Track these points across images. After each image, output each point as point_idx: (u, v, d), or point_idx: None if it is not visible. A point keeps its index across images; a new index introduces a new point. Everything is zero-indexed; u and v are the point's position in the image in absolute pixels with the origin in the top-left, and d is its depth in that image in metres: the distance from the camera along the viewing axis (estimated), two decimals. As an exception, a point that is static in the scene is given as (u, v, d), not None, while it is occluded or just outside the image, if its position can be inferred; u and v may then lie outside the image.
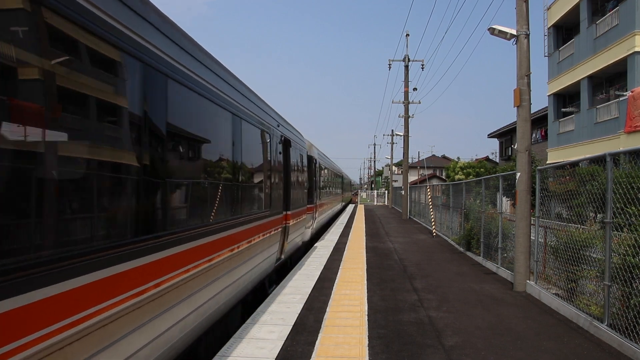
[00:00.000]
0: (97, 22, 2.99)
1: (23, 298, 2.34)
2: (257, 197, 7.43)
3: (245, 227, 6.35)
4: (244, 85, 6.78)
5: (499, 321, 6.72)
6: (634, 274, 5.45)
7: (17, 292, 2.31)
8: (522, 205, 8.95)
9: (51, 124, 2.67)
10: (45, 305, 2.49)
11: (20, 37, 2.44)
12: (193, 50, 4.70)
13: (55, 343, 2.54)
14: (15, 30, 2.41)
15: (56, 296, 2.57)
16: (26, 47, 2.48)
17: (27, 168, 2.50)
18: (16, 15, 2.42)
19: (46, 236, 2.62)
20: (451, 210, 16.93)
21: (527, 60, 8.95)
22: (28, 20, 2.49)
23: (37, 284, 2.44)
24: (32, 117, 2.52)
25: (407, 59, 29.72)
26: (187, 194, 4.66)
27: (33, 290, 2.41)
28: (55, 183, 2.72)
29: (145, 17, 3.70)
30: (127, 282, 3.29)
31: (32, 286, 2.41)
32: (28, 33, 2.51)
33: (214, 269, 5.04)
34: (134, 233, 3.46)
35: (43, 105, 2.61)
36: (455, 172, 35.93)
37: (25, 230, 2.51)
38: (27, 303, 2.37)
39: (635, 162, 5.74)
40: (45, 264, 2.52)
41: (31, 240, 2.54)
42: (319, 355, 5.15)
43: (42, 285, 2.47)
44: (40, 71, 2.55)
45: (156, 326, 3.72)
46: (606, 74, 22.32)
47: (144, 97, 3.66)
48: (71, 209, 2.92)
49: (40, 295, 2.45)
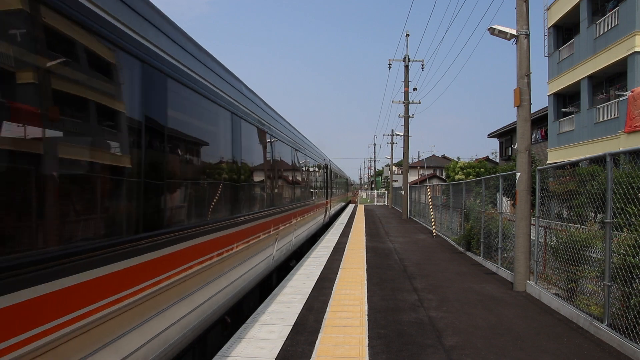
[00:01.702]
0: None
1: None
2: (319, 192, 17.32)
3: (318, 202, 16.51)
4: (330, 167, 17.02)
5: (499, 321, 6.72)
6: (634, 274, 5.45)
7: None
8: (522, 205, 8.95)
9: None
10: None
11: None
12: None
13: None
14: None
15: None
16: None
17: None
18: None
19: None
20: (451, 210, 16.93)
21: (527, 60, 8.95)
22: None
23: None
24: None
25: (407, 59, 29.73)
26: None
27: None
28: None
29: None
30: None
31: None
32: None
33: (309, 220, 13.68)
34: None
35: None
36: (455, 172, 35.88)
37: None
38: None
39: (635, 162, 5.74)
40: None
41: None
42: (319, 355, 5.15)
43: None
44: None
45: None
46: (606, 74, 22.33)
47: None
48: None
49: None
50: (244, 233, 6.14)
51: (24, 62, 2.49)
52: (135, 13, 3.53)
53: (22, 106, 2.47)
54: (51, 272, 2.53)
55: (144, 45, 3.56)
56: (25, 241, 2.49)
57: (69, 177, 2.89)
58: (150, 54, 3.67)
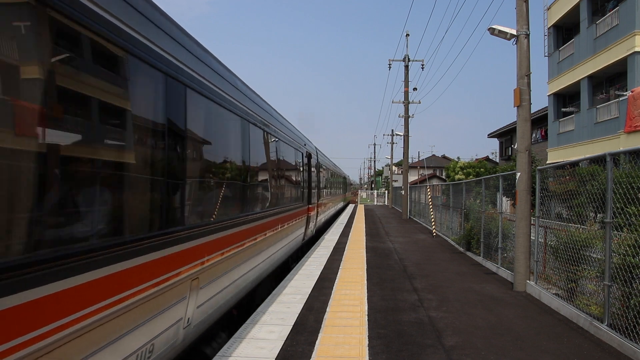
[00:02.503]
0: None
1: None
2: (340, 193, 30.41)
3: (339, 196, 29.85)
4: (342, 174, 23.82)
5: (499, 321, 6.72)
6: (634, 274, 5.45)
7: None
8: (522, 205, 8.95)
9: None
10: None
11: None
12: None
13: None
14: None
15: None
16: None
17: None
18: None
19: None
20: (451, 210, 16.93)
21: (527, 60, 8.95)
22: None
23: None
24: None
25: (407, 59, 29.72)
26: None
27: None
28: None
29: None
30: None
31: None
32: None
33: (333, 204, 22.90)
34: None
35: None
36: (455, 172, 35.88)
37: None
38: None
39: (635, 162, 5.74)
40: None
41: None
42: (319, 355, 5.15)
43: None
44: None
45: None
46: (606, 74, 22.32)
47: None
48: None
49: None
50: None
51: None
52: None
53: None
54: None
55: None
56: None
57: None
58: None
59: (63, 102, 2.75)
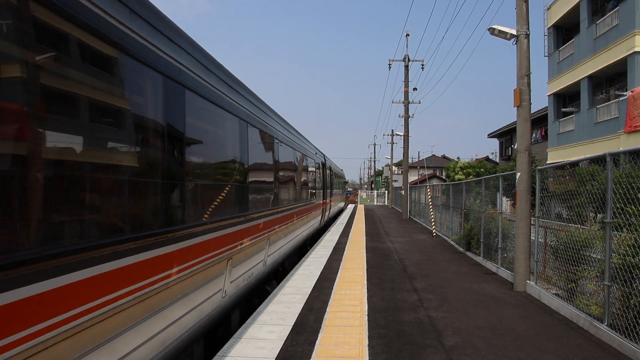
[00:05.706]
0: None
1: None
2: (341, 193, 34.30)
3: (341, 195, 35.83)
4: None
5: (499, 321, 6.72)
6: (634, 274, 5.45)
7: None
8: (522, 205, 8.95)
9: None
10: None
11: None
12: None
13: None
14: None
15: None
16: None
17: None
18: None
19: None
20: (451, 210, 16.93)
21: (527, 60, 8.95)
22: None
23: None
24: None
25: (407, 59, 29.74)
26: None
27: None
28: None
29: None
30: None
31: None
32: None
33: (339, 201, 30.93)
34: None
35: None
36: (455, 172, 35.84)
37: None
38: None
39: (635, 162, 5.74)
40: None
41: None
42: (319, 355, 5.15)
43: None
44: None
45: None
46: (606, 74, 22.32)
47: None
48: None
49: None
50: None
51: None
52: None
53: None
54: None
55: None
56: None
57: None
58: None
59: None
